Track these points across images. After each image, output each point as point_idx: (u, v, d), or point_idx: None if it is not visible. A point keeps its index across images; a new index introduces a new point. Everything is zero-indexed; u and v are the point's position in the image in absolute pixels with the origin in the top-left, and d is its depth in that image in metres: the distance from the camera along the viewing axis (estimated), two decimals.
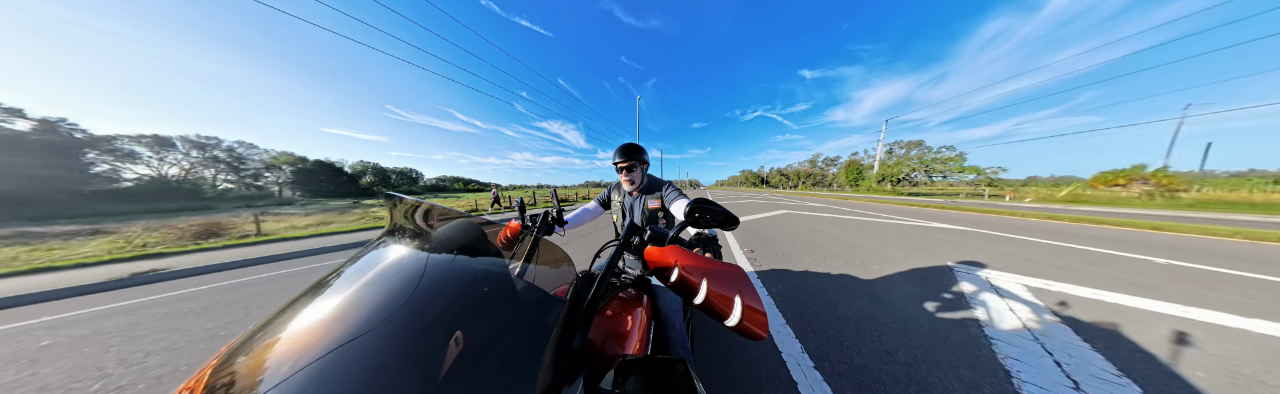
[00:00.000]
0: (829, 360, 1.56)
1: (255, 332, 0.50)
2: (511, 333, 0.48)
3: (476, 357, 0.43)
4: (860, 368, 1.49)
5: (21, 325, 2.54)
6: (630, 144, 1.44)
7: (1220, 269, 3.23)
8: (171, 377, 1.69)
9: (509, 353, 0.44)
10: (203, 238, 6.32)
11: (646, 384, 0.49)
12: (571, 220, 1.42)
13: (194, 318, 2.50)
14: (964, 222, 6.85)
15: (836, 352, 1.63)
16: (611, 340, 0.76)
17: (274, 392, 0.37)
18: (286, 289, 3.17)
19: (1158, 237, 5.14)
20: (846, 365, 1.51)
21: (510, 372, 0.42)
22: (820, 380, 1.41)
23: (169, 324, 2.39)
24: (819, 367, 1.51)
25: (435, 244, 0.65)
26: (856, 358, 1.57)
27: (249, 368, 0.43)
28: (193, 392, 0.43)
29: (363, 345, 0.41)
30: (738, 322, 0.47)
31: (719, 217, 0.65)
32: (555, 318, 0.51)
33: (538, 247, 0.73)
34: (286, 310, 0.52)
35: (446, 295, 0.51)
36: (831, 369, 1.48)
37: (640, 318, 0.89)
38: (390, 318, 0.46)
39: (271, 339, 0.47)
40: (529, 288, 0.57)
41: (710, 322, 1.93)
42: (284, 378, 0.39)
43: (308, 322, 0.48)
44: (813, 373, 1.46)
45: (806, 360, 1.56)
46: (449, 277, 0.56)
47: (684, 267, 0.57)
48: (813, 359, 1.57)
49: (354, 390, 0.36)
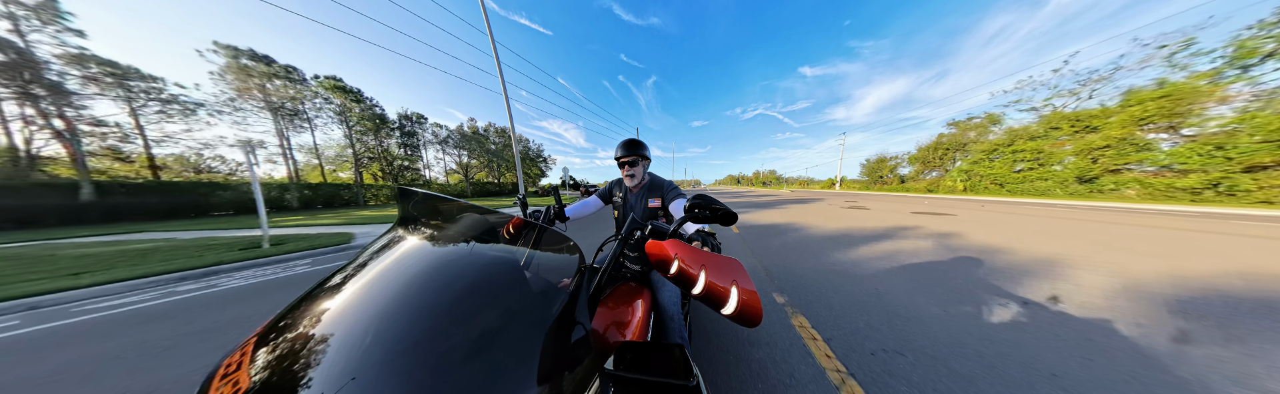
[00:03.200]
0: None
1: (280, 318, 0.53)
2: (520, 319, 0.51)
3: (489, 340, 0.46)
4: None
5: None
6: (632, 139, 1.47)
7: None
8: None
9: (518, 337, 0.48)
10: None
11: (646, 366, 0.53)
12: (572, 213, 1.48)
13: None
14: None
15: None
16: (613, 329, 0.80)
17: (309, 373, 0.40)
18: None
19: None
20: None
21: (519, 355, 0.46)
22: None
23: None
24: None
25: (447, 236, 0.68)
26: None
27: (278, 353, 0.46)
28: (231, 380, 0.45)
29: (384, 330, 0.45)
30: (734, 310, 0.50)
31: (718, 212, 0.68)
32: (560, 307, 0.54)
33: (543, 240, 0.76)
34: (308, 299, 0.55)
35: (459, 284, 0.55)
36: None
37: (640, 309, 0.92)
38: (408, 305, 0.49)
39: (297, 325, 0.50)
40: (535, 278, 0.60)
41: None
42: (315, 361, 0.42)
43: (330, 309, 0.51)
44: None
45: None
46: (461, 266, 0.59)
47: (683, 259, 0.59)
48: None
49: (381, 371, 0.39)
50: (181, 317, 2.32)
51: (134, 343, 1.92)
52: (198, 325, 2.16)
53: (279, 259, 4.02)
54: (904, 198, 18.14)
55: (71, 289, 2.90)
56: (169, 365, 1.68)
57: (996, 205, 11.64)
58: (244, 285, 3.06)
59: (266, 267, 3.76)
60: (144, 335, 2.02)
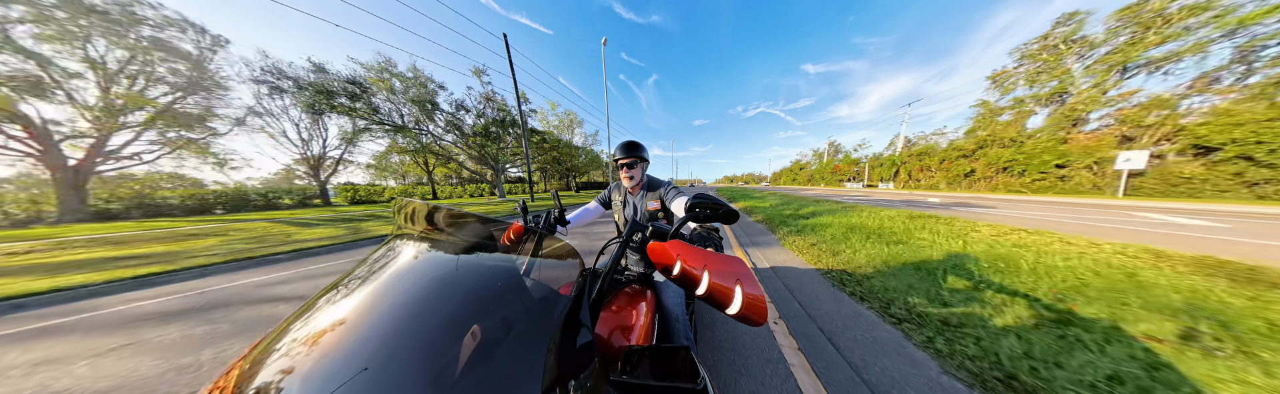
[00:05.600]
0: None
1: (281, 330, 0.52)
2: (522, 327, 0.50)
3: (491, 350, 0.45)
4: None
5: None
6: (631, 141, 1.47)
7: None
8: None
9: (521, 346, 0.46)
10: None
11: (653, 370, 0.52)
12: (573, 220, 1.45)
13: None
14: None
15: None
16: (618, 333, 0.79)
17: (306, 387, 0.40)
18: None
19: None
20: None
21: (523, 363, 0.45)
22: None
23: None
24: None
25: (446, 244, 0.67)
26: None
27: (280, 365, 0.45)
28: (224, 390, 0.45)
29: (386, 341, 0.44)
30: (738, 310, 0.49)
31: (719, 211, 0.67)
32: (562, 313, 0.53)
33: (542, 245, 0.75)
34: (308, 311, 0.55)
35: (460, 292, 0.54)
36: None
37: (644, 312, 0.92)
38: (409, 315, 0.48)
39: (297, 338, 0.49)
40: (537, 285, 0.60)
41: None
42: (314, 374, 0.41)
43: (330, 321, 0.50)
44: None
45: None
46: (461, 274, 0.58)
47: (686, 260, 0.58)
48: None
49: (383, 383, 0.39)
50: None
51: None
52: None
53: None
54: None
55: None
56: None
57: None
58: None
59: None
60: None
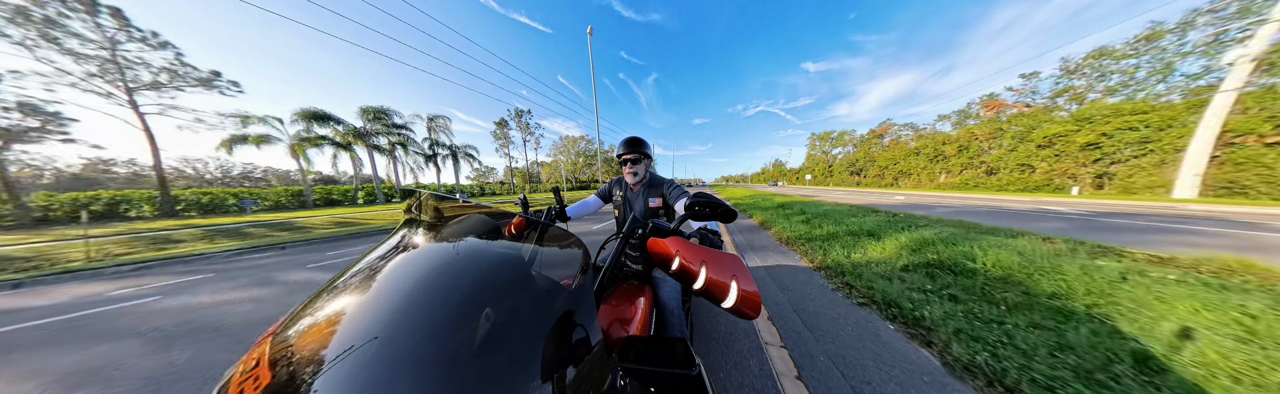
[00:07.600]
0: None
1: (295, 317, 0.54)
2: (526, 316, 0.52)
3: (499, 336, 0.47)
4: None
5: None
6: (634, 137, 1.47)
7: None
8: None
9: (526, 334, 0.49)
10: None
11: (651, 359, 0.54)
12: (573, 212, 1.48)
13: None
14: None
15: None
16: (617, 325, 0.81)
17: (329, 370, 0.41)
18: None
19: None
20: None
21: (529, 350, 0.47)
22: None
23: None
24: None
25: (453, 234, 0.69)
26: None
27: (298, 351, 0.47)
28: (252, 375, 0.46)
29: (399, 328, 0.46)
30: (733, 304, 0.51)
31: (718, 210, 0.69)
32: (565, 303, 0.56)
33: (546, 238, 0.77)
34: (319, 298, 0.57)
35: (466, 282, 0.56)
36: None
37: (642, 305, 0.94)
38: (416, 303, 0.50)
39: (310, 325, 0.51)
40: (541, 276, 0.61)
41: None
42: (333, 359, 0.43)
43: (341, 309, 0.52)
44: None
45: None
46: (468, 264, 0.60)
47: (684, 255, 0.60)
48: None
49: (399, 368, 0.40)
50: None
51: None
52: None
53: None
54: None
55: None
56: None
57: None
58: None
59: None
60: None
